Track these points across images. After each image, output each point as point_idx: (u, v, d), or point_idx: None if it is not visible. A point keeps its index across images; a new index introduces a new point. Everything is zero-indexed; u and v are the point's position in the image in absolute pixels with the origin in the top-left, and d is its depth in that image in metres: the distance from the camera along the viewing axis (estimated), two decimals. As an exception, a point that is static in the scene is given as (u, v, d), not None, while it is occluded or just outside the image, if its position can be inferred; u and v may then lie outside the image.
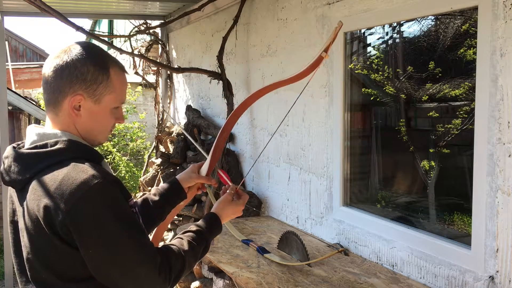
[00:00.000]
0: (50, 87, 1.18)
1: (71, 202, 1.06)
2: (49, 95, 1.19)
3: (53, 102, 1.19)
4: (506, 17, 1.70)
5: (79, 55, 1.18)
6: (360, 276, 2.19)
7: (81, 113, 1.19)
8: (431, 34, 2.28)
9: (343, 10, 2.54)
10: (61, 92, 1.17)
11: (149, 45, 5.52)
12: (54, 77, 1.17)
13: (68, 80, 1.16)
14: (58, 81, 1.17)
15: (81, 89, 1.17)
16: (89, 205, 1.07)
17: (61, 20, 3.43)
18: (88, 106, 1.19)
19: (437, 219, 2.29)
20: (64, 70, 1.16)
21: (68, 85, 1.17)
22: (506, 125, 1.72)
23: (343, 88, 2.59)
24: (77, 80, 1.17)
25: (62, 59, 1.17)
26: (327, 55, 1.76)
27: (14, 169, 1.16)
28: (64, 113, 1.19)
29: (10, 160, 1.17)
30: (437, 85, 2.23)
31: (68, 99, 1.17)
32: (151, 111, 8.37)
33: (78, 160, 1.13)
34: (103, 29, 13.81)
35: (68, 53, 1.18)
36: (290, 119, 3.09)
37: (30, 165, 1.14)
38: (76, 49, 1.19)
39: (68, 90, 1.17)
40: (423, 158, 2.34)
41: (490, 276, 1.80)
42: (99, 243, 1.08)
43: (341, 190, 2.64)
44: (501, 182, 1.75)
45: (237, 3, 3.61)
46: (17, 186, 1.18)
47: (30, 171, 1.13)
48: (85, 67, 1.17)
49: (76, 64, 1.17)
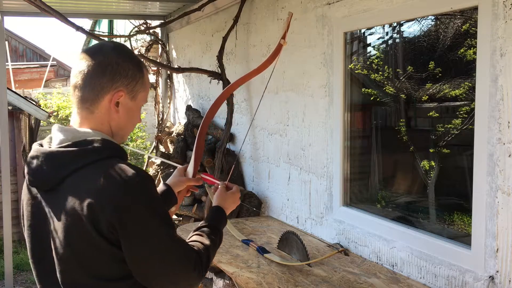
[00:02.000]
0: (88, 84, 1.18)
1: (117, 200, 1.07)
2: (86, 93, 1.18)
3: (91, 100, 1.18)
4: (506, 17, 1.70)
5: (119, 53, 1.21)
6: (360, 276, 2.19)
7: (119, 109, 1.21)
8: (431, 34, 2.28)
9: (343, 10, 2.54)
10: (102, 89, 1.18)
11: (149, 45, 5.53)
12: (95, 74, 1.17)
13: (111, 77, 1.18)
14: (99, 78, 1.17)
15: (123, 85, 1.20)
16: (134, 203, 1.08)
17: (61, 20, 3.43)
18: (126, 103, 1.22)
19: (437, 219, 2.29)
20: (106, 67, 1.18)
21: (110, 82, 1.18)
22: (506, 125, 1.72)
23: (343, 88, 2.59)
24: (120, 76, 1.19)
25: (101, 57, 1.19)
26: (286, 42, 2.08)
27: (46, 168, 1.14)
28: (102, 110, 1.20)
29: (40, 160, 1.15)
30: (437, 85, 2.23)
31: (110, 96, 1.19)
32: (151, 111, 8.37)
33: (113, 159, 1.14)
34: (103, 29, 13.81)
35: (105, 52, 1.20)
36: (290, 119, 3.09)
37: (64, 164, 1.12)
38: (113, 48, 1.22)
39: (110, 87, 1.18)
40: (423, 158, 2.34)
41: (490, 276, 1.80)
42: (143, 240, 1.10)
43: (341, 190, 2.64)
44: (501, 182, 1.75)
45: (237, 3, 3.61)
46: (45, 186, 1.15)
47: (65, 171, 1.12)
48: (126, 64, 1.21)
49: (118, 61, 1.19)
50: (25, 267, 5.42)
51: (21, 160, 6.52)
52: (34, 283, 5.00)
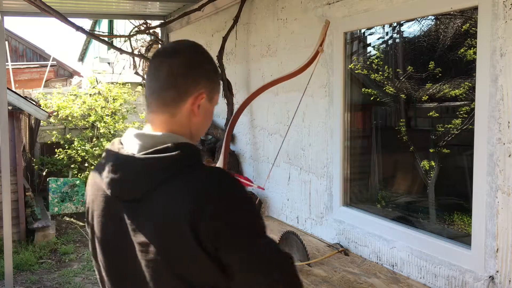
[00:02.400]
0: (172, 86, 1.11)
1: (219, 206, 1.01)
2: (169, 95, 1.11)
3: (173, 102, 1.12)
4: (506, 17, 1.70)
5: (200, 54, 1.17)
6: (360, 276, 2.19)
7: (200, 111, 1.15)
8: (431, 34, 2.28)
9: (343, 10, 2.54)
10: (187, 91, 1.12)
11: (149, 45, 5.53)
12: (179, 75, 1.11)
13: (195, 79, 1.13)
14: (184, 80, 1.11)
15: (205, 87, 1.15)
16: (237, 208, 1.04)
17: (61, 20, 3.43)
18: (205, 105, 1.16)
19: (437, 219, 2.29)
20: (189, 68, 1.12)
21: (194, 84, 1.12)
22: (506, 125, 1.72)
23: (343, 88, 2.59)
24: (203, 78, 1.14)
25: (183, 58, 1.13)
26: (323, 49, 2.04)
27: (136, 177, 1.06)
28: (184, 113, 1.13)
29: (129, 168, 1.07)
30: (437, 85, 2.23)
31: (193, 98, 1.12)
32: (151, 111, 8.37)
33: (200, 164, 1.09)
34: (103, 29, 13.81)
35: (187, 52, 1.15)
36: (290, 119, 3.09)
37: (157, 172, 1.05)
38: (193, 48, 1.17)
39: (194, 89, 1.12)
40: (423, 158, 2.34)
41: (490, 276, 1.80)
42: (248, 244, 1.05)
43: (341, 190, 2.64)
44: (501, 182, 1.75)
45: (237, 3, 3.61)
46: (132, 196, 1.07)
47: (158, 179, 1.04)
48: (208, 66, 1.17)
49: (200, 63, 1.15)
50: (25, 267, 5.42)
51: (21, 160, 6.52)
52: (34, 283, 5.01)
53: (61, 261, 5.75)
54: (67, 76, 15.43)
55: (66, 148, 7.88)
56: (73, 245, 6.29)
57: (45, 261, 5.69)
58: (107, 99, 8.32)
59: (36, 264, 5.56)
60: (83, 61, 19.61)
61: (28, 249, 5.94)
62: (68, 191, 7.76)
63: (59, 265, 5.63)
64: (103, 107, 8.14)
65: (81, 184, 7.83)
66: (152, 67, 1.15)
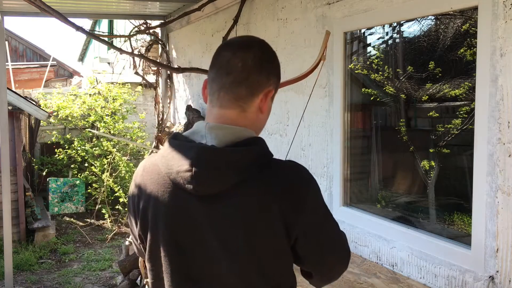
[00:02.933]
0: (246, 80, 1.08)
1: (308, 199, 1.06)
2: (242, 90, 1.08)
3: (245, 97, 1.09)
4: (506, 17, 1.70)
5: (269, 49, 1.15)
6: (360, 276, 2.19)
7: (265, 108, 1.13)
8: (431, 34, 2.28)
9: (343, 10, 2.54)
10: (259, 86, 1.10)
11: (149, 45, 5.53)
12: (253, 69, 1.08)
13: (267, 74, 1.11)
14: (258, 75, 1.09)
15: (274, 84, 1.14)
16: (318, 198, 1.09)
17: (61, 20, 3.43)
18: (269, 102, 1.14)
19: (437, 219, 2.29)
20: (263, 63, 1.11)
21: (266, 79, 1.11)
22: (506, 125, 1.72)
23: (343, 88, 2.59)
24: (273, 74, 1.13)
25: (257, 52, 1.11)
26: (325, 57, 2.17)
27: (222, 171, 1.02)
28: (253, 109, 1.11)
29: (213, 163, 1.02)
30: (437, 85, 2.23)
31: (263, 94, 1.11)
32: (151, 111, 8.38)
33: (276, 158, 1.10)
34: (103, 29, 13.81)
35: (259, 47, 1.13)
36: (290, 119, 3.09)
37: (247, 165, 1.02)
38: (263, 44, 1.16)
39: (265, 84, 1.11)
40: (423, 158, 2.34)
41: (490, 276, 1.80)
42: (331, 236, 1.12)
43: (341, 190, 2.64)
44: (501, 182, 1.75)
45: (237, 3, 3.61)
46: (216, 190, 1.02)
47: (247, 172, 1.02)
48: (277, 62, 1.16)
49: (272, 57, 1.15)
50: (25, 267, 5.42)
51: (21, 160, 6.52)
52: (34, 283, 5.01)
53: (61, 261, 5.76)
54: (67, 76, 15.43)
55: (66, 148, 7.88)
56: (73, 245, 6.29)
57: (45, 261, 5.69)
58: (107, 99, 8.32)
59: (36, 264, 5.56)
60: (83, 61, 19.61)
61: (28, 249, 5.95)
62: (68, 191, 7.76)
63: (59, 265, 5.63)
64: (103, 107, 8.14)
65: (81, 184, 7.83)
66: (221, 61, 1.10)
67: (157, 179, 1.09)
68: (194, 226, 1.05)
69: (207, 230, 1.03)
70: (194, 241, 1.05)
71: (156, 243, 1.10)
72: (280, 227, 1.00)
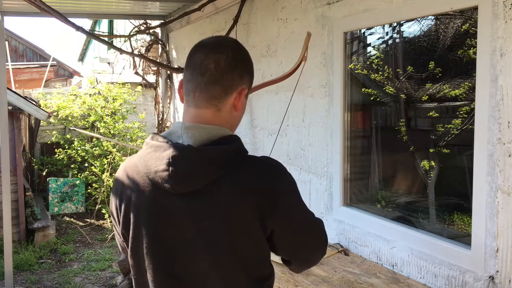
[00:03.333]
0: (219, 79, 1.11)
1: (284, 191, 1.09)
2: (216, 89, 1.11)
3: (219, 96, 1.12)
4: (506, 17, 1.70)
5: (242, 49, 1.18)
6: (360, 276, 2.19)
7: (239, 106, 1.16)
8: (431, 34, 2.28)
9: (343, 10, 2.54)
10: (232, 85, 1.13)
11: (149, 45, 5.53)
12: (226, 69, 1.12)
13: (240, 73, 1.14)
14: (231, 74, 1.12)
15: (247, 82, 1.17)
16: (292, 191, 1.12)
17: (61, 20, 3.43)
18: (243, 100, 1.17)
19: (437, 219, 2.29)
20: (236, 63, 1.13)
21: (239, 78, 1.14)
22: (506, 125, 1.72)
23: (343, 88, 2.59)
24: (246, 73, 1.16)
25: (229, 52, 1.13)
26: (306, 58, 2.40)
27: (199, 169, 1.05)
28: (227, 108, 1.14)
29: (190, 161, 1.05)
30: (437, 85, 2.23)
31: (237, 92, 1.14)
32: (151, 111, 8.38)
33: (251, 155, 1.12)
34: (103, 29, 13.82)
35: (231, 47, 1.16)
36: (290, 119, 3.09)
37: (222, 162, 1.05)
38: (235, 43, 1.18)
39: (238, 83, 1.14)
40: (423, 158, 2.34)
41: (490, 276, 1.80)
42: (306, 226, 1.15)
43: (341, 190, 2.64)
44: (501, 182, 1.75)
45: (237, 3, 3.61)
46: (193, 188, 1.05)
47: (223, 169, 1.05)
48: (250, 61, 1.19)
49: (244, 57, 1.17)
50: (25, 267, 5.42)
51: (21, 160, 6.52)
52: (34, 283, 5.01)
53: (61, 261, 5.75)
54: (67, 76, 15.43)
55: (66, 148, 7.88)
56: (73, 245, 6.29)
57: (45, 261, 5.69)
58: (107, 99, 8.32)
59: (36, 264, 5.55)
60: (83, 61, 19.61)
61: (28, 249, 5.94)
62: (68, 191, 7.76)
63: (59, 265, 5.63)
64: (103, 107, 8.13)
65: (81, 184, 7.82)
66: (196, 61, 1.13)
67: (137, 179, 1.13)
68: (174, 223, 1.08)
69: (186, 226, 1.07)
70: (174, 238, 1.09)
71: (138, 241, 1.13)
72: (256, 221, 1.04)
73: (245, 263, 1.07)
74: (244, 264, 1.07)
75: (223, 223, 1.04)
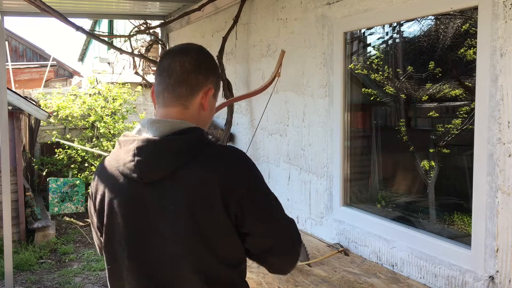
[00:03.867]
0: (185, 80, 1.20)
1: (243, 178, 1.13)
2: (183, 89, 1.20)
3: (186, 95, 1.21)
4: (506, 17, 1.70)
5: (206, 53, 1.27)
6: (360, 276, 2.19)
7: (206, 105, 1.25)
8: (431, 34, 2.28)
9: (343, 10, 2.54)
10: (198, 85, 1.22)
11: (149, 45, 5.52)
12: (192, 70, 1.21)
13: (205, 74, 1.23)
14: (196, 75, 1.21)
15: (213, 82, 1.25)
16: (256, 177, 1.16)
17: (61, 20, 3.43)
18: (210, 99, 1.26)
19: (437, 219, 2.29)
20: (200, 64, 1.22)
21: (204, 78, 1.23)
22: (506, 125, 1.72)
23: (343, 88, 2.59)
24: (212, 73, 1.25)
25: (194, 55, 1.23)
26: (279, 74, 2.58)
27: (161, 158, 1.13)
28: (195, 106, 1.23)
29: (152, 151, 1.13)
30: (437, 85, 2.23)
31: (203, 92, 1.23)
32: (151, 111, 8.38)
33: (215, 143, 1.19)
34: (103, 29, 13.82)
35: (196, 50, 1.25)
36: (290, 119, 3.09)
37: (182, 151, 1.13)
38: (200, 48, 1.27)
39: (204, 83, 1.23)
40: (423, 158, 2.34)
41: (490, 276, 1.80)
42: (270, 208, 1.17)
43: (341, 190, 2.64)
44: (501, 182, 1.75)
45: (237, 3, 3.61)
46: (158, 176, 1.13)
47: (184, 157, 1.12)
48: (214, 63, 1.28)
49: (209, 59, 1.26)
50: (25, 267, 5.42)
51: (21, 160, 6.52)
52: (34, 283, 5.01)
53: (61, 261, 5.75)
54: (67, 76, 15.43)
55: (66, 148, 7.88)
56: (73, 245, 6.29)
57: (45, 261, 5.69)
58: (107, 99, 8.32)
59: (36, 264, 5.55)
60: (83, 61, 19.61)
61: (28, 249, 5.94)
62: (68, 191, 7.76)
63: (59, 265, 5.63)
64: (103, 107, 8.13)
65: (81, 184, 7.82)
66: (164, 65, 1.23)
67: (110, 173, 1.21)
68: (144, 211, 1.15)
69: (155, 213, 1.14)
70: (145, 225, 1.16)
71: (112, 231, 1.21)
72: (219, 204, 1.09)
73: (213, 246, 1.12)
74: (212, 247, 1.12)
75: (188, 208, 1.10)
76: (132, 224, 1.17)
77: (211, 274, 1.13)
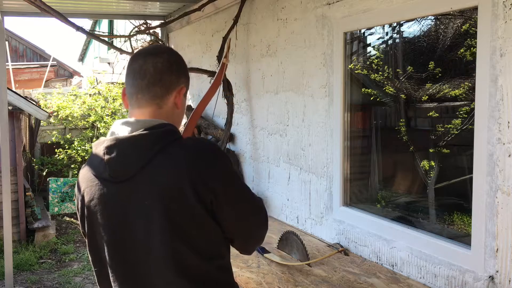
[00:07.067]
0: (159, 81, 1.23)
1: (213, 163, 1.15)
2: (157, 89, 1.23)
3: (161, 95, 1.24)
4: (506, 17, 1.70)
5: (176, 54, 1.31)
6: (360, 276, 2.19)
7: (180, 104, 1.29)
8: (431, 34, 2.28)
9: (343, 10, 2.54)
10: (171, 85, 1.25)
11: (149, 45, 5.52)
12: (164, 71, 1.24)
13: (177, 74, 1.27)
14: (169, 75, 1.24)
15: (184, 82, 1.30)
16: (226, 167, 1.19)
17: (61, 20, 3.43)
18: (182, 98, 1.30)
19: (437, 219, 2.29)
20: (172, 65, 1.26)
21: (176, 79, 1.26)
22: (506, 125, 1.72)
23: (343, 88, 2.59)
24: (182, 73, 1.29)
25: (166, 56, 1.26)
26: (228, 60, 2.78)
27: (129, 154, 1.15)
28: (169, 105, 1.26)
29: (121, 148, 1.15)
30: (437, 85, 2.23)
31: (177, 91, 1.26)
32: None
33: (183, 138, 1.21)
34: (103, 29, 13.81)
35: (167, 52, 1.29)
36: (290, 119, 3.09)
37: (148, 146, 1.14)
38: (170, 49, 1.34)
39: (177, 82, 1.26)
40: (423, 158, 2.34)
41: (490, 276, 1.80)
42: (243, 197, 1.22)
43: (341, 190, 2.64)
44: (501, 182, 1.75)
45: (237, 3, 3.61)
46: (128, 173, 1.15)
47: (151, 152, 1.13)
48: (185, 64, 1.32)
49: (179, 60, 1.30)
50: (25, 267, 5.42)
51: (21, 160, 6.52)
52: (34, 283, 5.01)
53: (61, 261, 5.75)
54: (67, 76, 15.43)
55: (66, 148, 7.88)
56: (73, 245, 6.29)
57: (45, 261, 5.69)
58: (107, 99, 8.32)
59: (36, 264, 5.55)
60: (83, 61, 19.61)
61: (28, 249, 5.94)
62: (68, 191, 7.76)
63: (59, 265, 5.63)
64: (103, 107, 8.14)
65: (81, 184, 7.82)
66: (135, 67, 1.25)
67: (88, 176, 1.24)
68: (121, 211, 1.17)
69: (131, 211, 1.15)
70: (122, 226, 1.17)
71: (94, 233, 1.23)
72: (191, 193, 1.10)
73: (189, 239, 1.13)
74: (188, 240, 1.13)
75: (161, 201, 1.11)
76: (109, 225, 1.19)
77: (189, 266, 1.15)
